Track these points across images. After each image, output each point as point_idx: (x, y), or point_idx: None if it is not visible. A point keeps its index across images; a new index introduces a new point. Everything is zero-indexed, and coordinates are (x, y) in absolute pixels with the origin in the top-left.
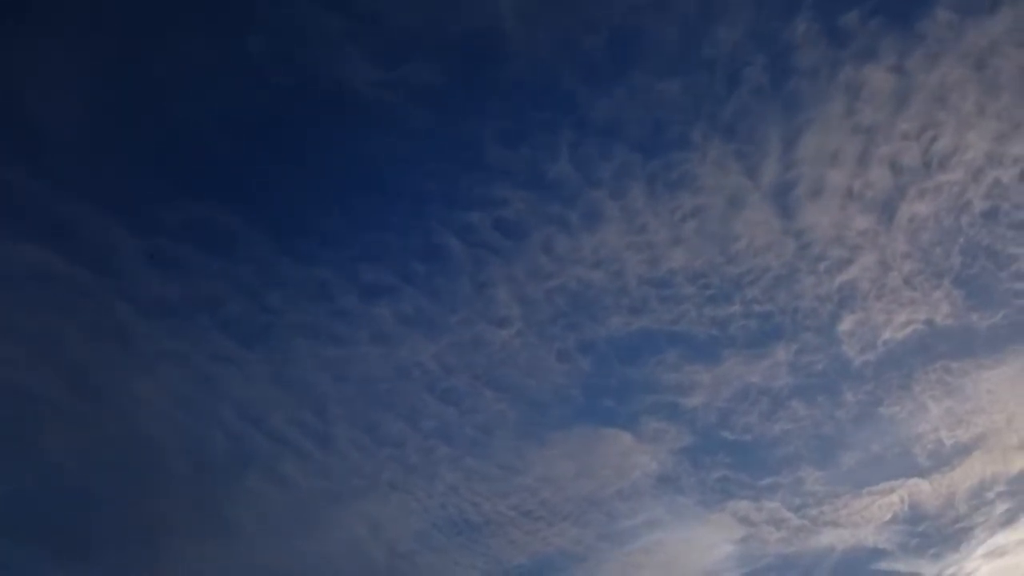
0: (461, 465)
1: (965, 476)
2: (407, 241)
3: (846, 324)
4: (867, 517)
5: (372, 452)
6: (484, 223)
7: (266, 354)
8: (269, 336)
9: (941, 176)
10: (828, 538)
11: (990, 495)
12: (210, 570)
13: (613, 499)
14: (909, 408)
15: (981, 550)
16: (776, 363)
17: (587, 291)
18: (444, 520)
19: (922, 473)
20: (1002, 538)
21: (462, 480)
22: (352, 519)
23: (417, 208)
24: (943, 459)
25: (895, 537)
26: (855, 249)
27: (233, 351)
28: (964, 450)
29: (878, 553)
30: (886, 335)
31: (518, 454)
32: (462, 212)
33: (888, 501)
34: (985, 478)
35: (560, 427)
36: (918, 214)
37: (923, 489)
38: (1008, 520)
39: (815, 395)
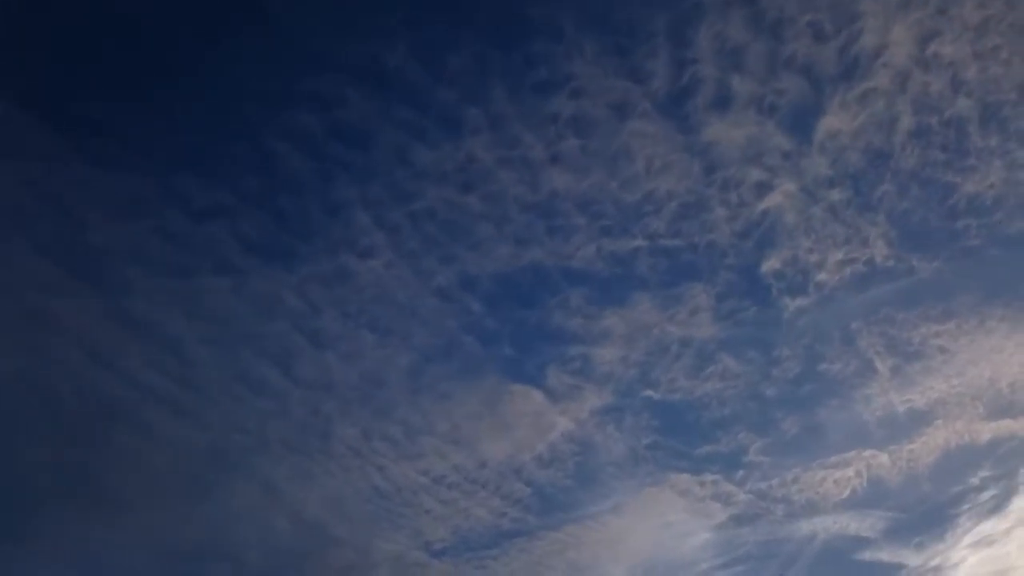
0: (355, 421)
1: (927, 449)
2: (232, 149)
3: (772, 263)
4: (822, 494)
5: (250, 402)
6: (320, 127)
7: (96, 283)
8: (94, 262)
9: (864, 83)
10: (782, 515)
11: (974, 480)
12: (89, 545)
13: (532, 466)
14: (853, 366)
15: (967, 539)
16: (696, 308)
17: (460, 216)
18: (350, 486)
19: (878, 444)
20: (989, 526)
21: (361, 440)
22: (245, 482)
23: (234, 106)
24: (899, 428)
25: (875, 524)
26: (773, 172)
27: (56, 278)
28: (921, 419)
29: (860, 541)
30: (819, 277)
31: (418, 410)
32: (290, 112)
33: (844, 476)
34: (950, 451)
35: (459, 379)
36: (841, 131)
37: (882, 463)
38: (995, 508)
39: (745, 349)
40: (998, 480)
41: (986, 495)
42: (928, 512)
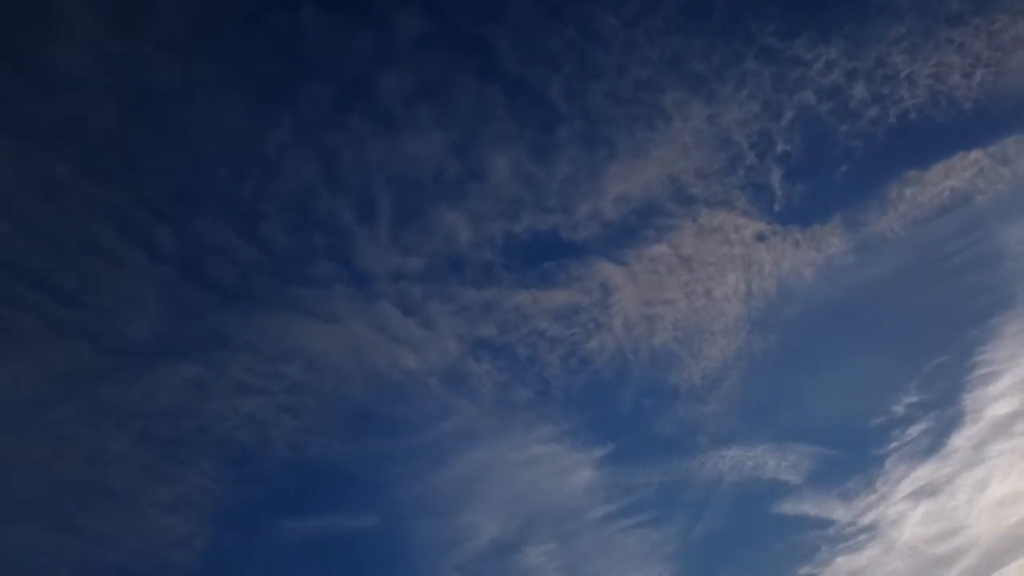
0: None
1: (686, 272)
2: None
3: None
4: (550, 337)
5: None
6: None
7: None
8: None
9: None
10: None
11: (898, 408)
12: None
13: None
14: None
15: (904, 487)
16: None
17: None
18: None
19: (601, 248)
20: (927, 471)
21: None
22: None
23: None
24: (615, 219)
25: (796, 463)
26: None
27: None
28: (644, 200)
29: (778, 487)
30: None
31: None
32: None
33: (566, 299)
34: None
35: None
36: None
37: (619, 278)
38: (931, 447)
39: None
40: (928, 409)
41: (916, 429)
42: (848, 447)
